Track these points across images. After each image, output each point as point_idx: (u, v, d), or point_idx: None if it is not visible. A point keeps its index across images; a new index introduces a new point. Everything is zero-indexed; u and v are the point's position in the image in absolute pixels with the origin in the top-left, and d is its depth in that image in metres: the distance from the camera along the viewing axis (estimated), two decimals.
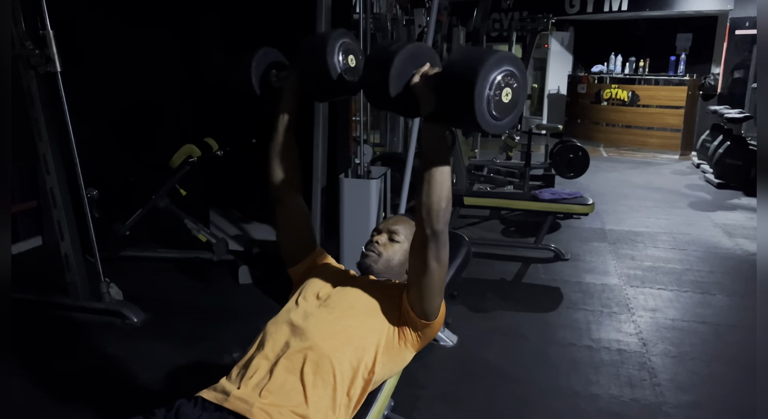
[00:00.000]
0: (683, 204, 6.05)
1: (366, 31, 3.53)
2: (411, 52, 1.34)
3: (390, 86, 1.32)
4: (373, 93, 1.40)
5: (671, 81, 9.12)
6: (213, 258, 3.86)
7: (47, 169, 3.07)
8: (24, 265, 3.99)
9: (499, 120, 1.23)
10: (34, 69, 2.93)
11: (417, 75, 1.32)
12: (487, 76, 1.18)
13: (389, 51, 1.34)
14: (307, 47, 1.53)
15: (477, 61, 1.19)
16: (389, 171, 3.60)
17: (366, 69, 1.41)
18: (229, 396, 1.32)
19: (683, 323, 3.27)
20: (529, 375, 2.71)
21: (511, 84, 1.22)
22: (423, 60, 1.36)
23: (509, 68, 1.22)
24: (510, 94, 1.23)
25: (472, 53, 1.25)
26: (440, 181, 1.33)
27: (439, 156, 1.33)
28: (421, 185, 1.34)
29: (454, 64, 1.25)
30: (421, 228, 1.36)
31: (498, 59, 1.20)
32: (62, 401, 2.44)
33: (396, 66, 1.31)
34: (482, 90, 1.18)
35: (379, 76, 1.33)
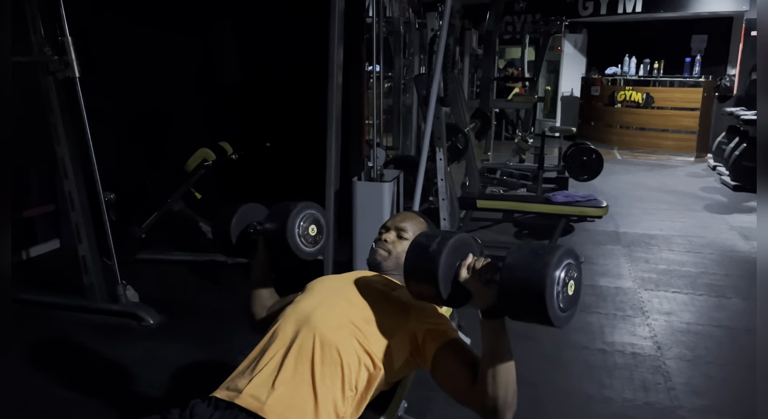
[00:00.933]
0: (698, 206, 6.00)
1: (379, 34, 3.55)
2: (454, 247, 1.32)
3: (440, 287, 1.30)
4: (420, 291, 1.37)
5: (686, 82, 9.05)
6: (227, 260, 3.89)
7: (65, 172, 3.12)
8: (42, 268, 4.06)
9: (565, 311, 1.23)
10: (53, 75, 2.98)
11: (463, 268, 1.31)
12: (554, 277, 1.18)
13: (431, 250, 1.32)
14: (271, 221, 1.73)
15: (541, 265, 1.19)
16: (402, 174, 3.61)
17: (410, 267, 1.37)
18: (241, 393, 1.34)
19: (698, 326, 3.24)
20: (542, 378, 2.70)
21: (573, 276, 1.23)
22: (465, 251, 1.34)
23: (569, 261, 1.22)
24: (573, 286, 1.23)
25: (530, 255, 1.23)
26: (507, 379, 1.30)
27: (503, 352, 1.31)
28: (485, 379, 1.31)
29: (514, 267, 1.22)
30: (482, 412, 1.34)
31: (559, 257, 1.20)
32: (79, 402, 2.48)
33: (442, 266, 1.29)
34: (552, 292, 1.18)
35: (427, 278, 1.31)
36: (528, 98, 8.14)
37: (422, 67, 5.97)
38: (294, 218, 1.69)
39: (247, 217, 1.80)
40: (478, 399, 1.34)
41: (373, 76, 3.53)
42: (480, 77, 7.53)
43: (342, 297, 1.50)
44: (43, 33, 2.95)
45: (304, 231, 1.72)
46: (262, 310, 1.80)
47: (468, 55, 7.09)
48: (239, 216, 1.79)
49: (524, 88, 9.74)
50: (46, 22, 2.94)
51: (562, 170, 6.31)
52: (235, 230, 1.78)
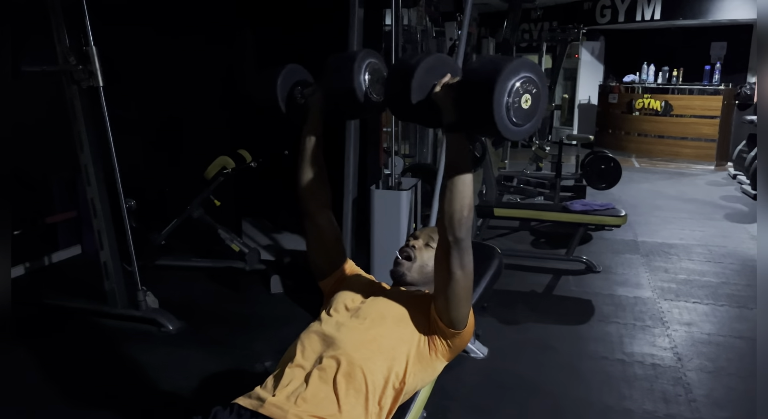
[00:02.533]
0: (719, 215, 5.93)
1: (397, 43, 3.57)
2: (432, 63, 1.37)
3: (411, 96, 1.35)
4: (396, 104, 1.43)
5: (706, 90, 8.96)
6: (245, 267, 3.92)
7: (88, 179, 3.17)
8: (64, 273, 4.12)
9: (520, 126, 1.25)
10: (77, 84, 3.03)
11: (438, 85, 1.36)
12: (506, 83, 1.20)
13: (411, 63, 1.37)
14: (333, 66, 1.54)
15: (494, 68, 1.21)
16: (420, 182, 3.61)
17: (389, 81, 1.43)
18: (265, 403, 1.35)
19: (719, 338, 3.20)
20: (561, 388, 2.68)
21: (530, 90, 1.24)
22: (444, 70, 1.38)
23: (527, 74, 1.23)
24: (530, 101, 1.24)
25: (490, 61, 1.26)
26: (462, 190, 1.36)
27: (462, 164, 1.36)
28: (444, 193, 1.38)
29: (472, 72, 1.27)
30: (444, 237, 1.39)
31: (515, 66, 1.21)
32: (99, 407, 2.51)
33: (417, 77, 1.34)
34: (501, 97, 1.20)
35: (401, 87, 1.36)
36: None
37: None
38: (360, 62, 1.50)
39: (292, 77, 1.65)
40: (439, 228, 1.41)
41: None
42: None
43: (367, 314, 1.51)
44: (68, 43, 3.00)
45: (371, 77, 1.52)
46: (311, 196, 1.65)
47: None
48: (285, 75, 1.63)
49: None
50: (71, 33, 2.99)
51: (579, 178, 6.28)
52: (282, 90, 1.63)
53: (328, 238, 1.71)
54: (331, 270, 1.73)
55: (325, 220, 1.68)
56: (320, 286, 1.75)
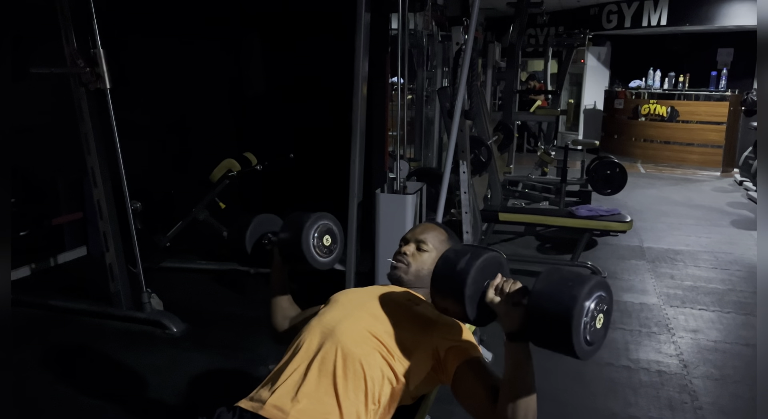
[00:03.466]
0: (725, 222, 5.90)
1: (403, 47, 3.57)
2: (482, 266, 1.30)
3: (467, 307, 1.29)
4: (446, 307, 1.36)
5: (712, 96, 8.94)
6: (250, 270, 3.92)
7: (95, 181, 3.18)
8: (69, 274, 4.13)
9: (591, 345, 1.20)
10: (85, 86, 3.05)
11: (491, 289, 1.29)
12: (584, 307, 1.16)
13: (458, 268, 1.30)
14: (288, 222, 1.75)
15: (570, 295, 1.16)
16: (425, 186, 3.61)
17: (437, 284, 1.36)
18: (265, 404, 1.35)
19: (726, 345, 3.18)
20: (566, 394, 2.67)
21: (603, 309, 1.20)
22: (494, 270, 1.32)
23: (600, 293, 1.19)
24: (602, 320, 1.20)
25: (561, 282, 1.20)
26: (527, 405, 1.28)
27: (526, 377, 1.29)
28: (504, 402, 1.29)
29: (544, 292, 1.20)
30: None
31: (591, 288, 1.17)
32: (103, 408, 2.51)
33: (469, 285, 1.28)
34: (579, 321, 1.15)
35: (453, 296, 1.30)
36: (550, 111, 8.11)
37: (445, 79, 5.99)
38: (308, 229, 1.72)
39: (261, 227, 1.84)
40: None
41: (397, 88, 3.55)
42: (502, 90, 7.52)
43: (366, 310, 1.50)
44: (76, 45, 3.02)
45: (318, 241, 1.74)
46: (284, 321, 1.82)
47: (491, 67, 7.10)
48: (254, 227, 1.82)
49: (547, 100, 9.71)
50: (79, 35, 3.01)
51: (585, 184, 6.26)
52: (250, 240, 1.81)
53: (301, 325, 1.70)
54: None
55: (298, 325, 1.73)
56: None
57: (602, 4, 10.22)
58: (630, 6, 9.90)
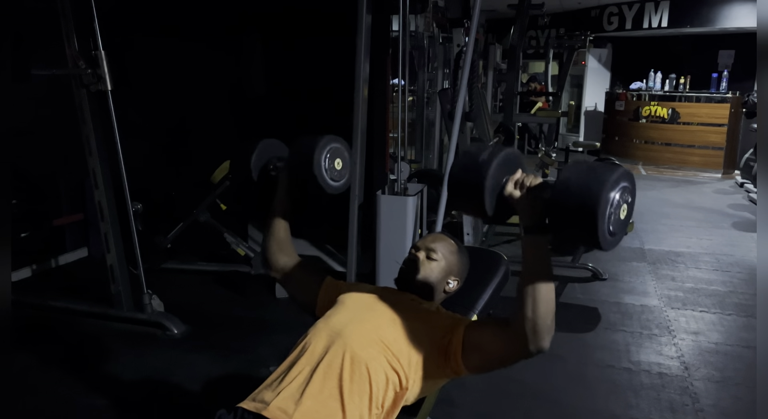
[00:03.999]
0: (726, 224, 5.90)
1: (404, 49, 3.58)
2: (503, 160, 1.30)
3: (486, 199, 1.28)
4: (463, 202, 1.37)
5: (713, 98, 8.93)
6: (251, 271, 3.92)
7: (96, 183, 3.18)
8: (70, 276, 4.13)
9: (615, 235, 1.20)
10: (86, 87, 3.05)
11: (511, 183, 1.30)
12: (609, 196, 1.16)
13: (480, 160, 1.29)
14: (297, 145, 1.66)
15: (598, 181, 1.16)
16: (426, 188, 3.61)
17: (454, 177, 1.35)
18: (269, 406, 1.35)
19: (727, 347, 3.18)
20: (567, 396, 2.67)
21: (627, 200, 1.20)
22: (514, 166, 1.32)
23: (626, 184, 1.20)
24: (626, 210, 1.21)
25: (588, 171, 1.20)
26: (548, 298, 1.29)
27: (546, 270, 1.30)
28: (524, 299, 1.30)
29: (569, 182, 1.19)
30: (523, 345, 1.32)
31: (618, 177, 1.18)
32: (104, 410, 2.51)
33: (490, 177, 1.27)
34: (605, 210, 1.15)
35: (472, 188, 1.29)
36: (551, 113, 8.12)
37: (445, 81, 6.00)
38: (321, 150, 1.63)
39: (267, 152, 1.74)
40: (518, 330, 1.31)
41: (398, 90, 3.55)
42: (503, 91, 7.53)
43: (373, 314, 1.51)
44: (77, 47, 3.02)
45: (330, 164, 1.66)
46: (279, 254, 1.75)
47: (492, 69, 7.11)
48: (260, 151, 1.72)
49: (548, 102, 9.72)
50: (80, 37, 3.01)
51: None
52: (256, 166, 1.71)
53: (300, 276, 1.75)
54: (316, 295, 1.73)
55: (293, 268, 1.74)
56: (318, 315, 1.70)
57: (603, 6, 10.23)
58: (631, 8, 9.90)
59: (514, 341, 1.34)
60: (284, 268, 1.75)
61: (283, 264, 1.75)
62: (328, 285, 1.73)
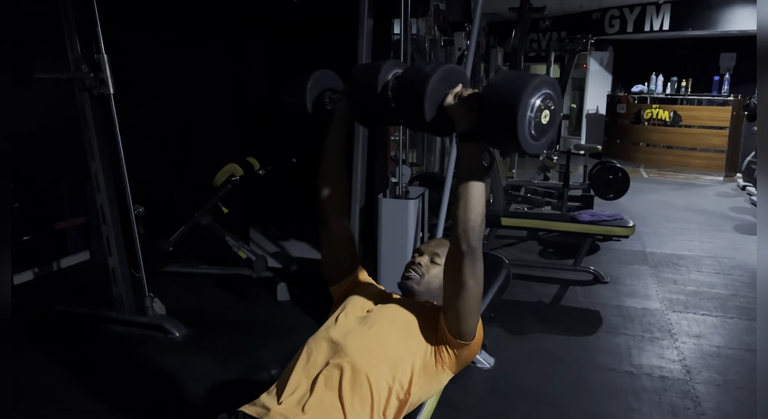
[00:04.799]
0: (728, 227, 5.89)
1: (406, 52, 3.58)
2: (445, 73, 1.39)
3: (425, 107, 1.37)
4: (407, 113, 1.44)
5: (715, 101, 8.94)
6: (252, 274, 3.92)
7: (98, 186, 3.19)
8: (72, 279, 4.14)
9: (537, 140, 1.29)
10: (89, 91, 3.06)
11: (450, 95, 1.37)
12: (530, 100, 1.24)
13: (424, 72, 1.39)
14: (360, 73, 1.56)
15: (519, 85, 1.24)
16: (427, 191, 3.61)
17: (399, 90, 1.44)
18: (270, 411, 1.35)
19: (729, 350, 3.17)
20: (568, 399, 2.66)
21: (549, 106, 1.28)
22: (456, 81, 1.40)
23: (548, 91, 1.27)
24: (548, 116, 1.29)
25: (513, 77, 1.29)
26: (476, 199, 1.36)
27: (475, 173, 1.37)
28: (457, 202, 1.38)
29: (495, 87, 1.29)
30: (457, 245, 1.38)
31: (538, 83, 1.25)
32: (105, 413, 2.51)
33: (431, 86, 1.36)
34: (524, 113, 1.23)
35: (413, 98, 1.38)
36: None
37: None
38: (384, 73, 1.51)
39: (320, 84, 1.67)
40: (452, 235, 1.40)
41: None
42: None
43: (374, 321, 1.51)
44: (79, 51, 3.03)
45: None
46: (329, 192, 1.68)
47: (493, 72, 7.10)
48: (315, 80, 1.65)
49: None
50: (83, 41, 3.03)
51: (587, 188, 6.26)
52: (311, 95, 1.65)
53: (341, 245, 1.72)
54: (342, 276, 1.74)
55: (341, 226, 1.70)
56: (330, 291, 1.76)
57: (605, 9, 10.23)
58: (632, 11, 9.91)
59: (451, 252, 1.43)
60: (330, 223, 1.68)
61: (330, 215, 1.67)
62: (354, 278, 1.74)
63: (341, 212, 1.71)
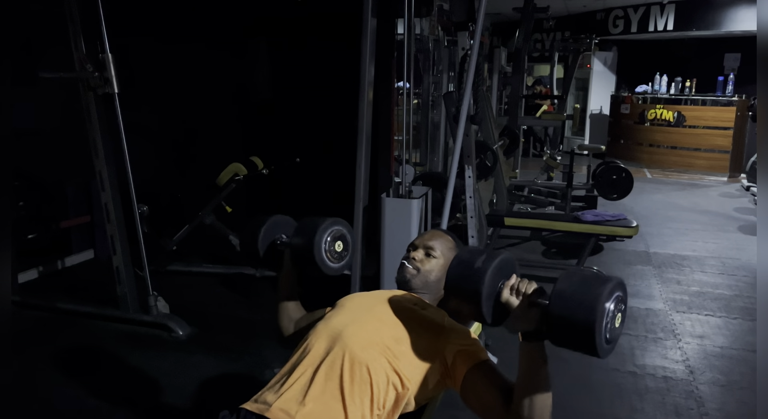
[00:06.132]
0: (732, 227, 5.88)
1: (409, 52, 3.59)
2: (499, 266, 1.32)
3: (483, 306, 1.29)
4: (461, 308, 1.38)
5: (719, 101, 8.92)
6: (256, 273, 3.93)
7: (102, 185, 3.20)
8: (76, 277, 4.15)
9: (610, 343, 1.22)
10: (93, 90, 3.07)
11: (506, 289, 1.30)
12: (605, 310, 1.17)
13: (476, 268, 1.31)
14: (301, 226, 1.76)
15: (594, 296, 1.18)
16: (430, 191, 3.61)
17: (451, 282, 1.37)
18: (271, 407, 1.35)
19: (732, 351, 3.17)
20: (571, 400, 2.66)
21: (621, 308, 1.22)
22: (509, 271, 1.34)
23: (619, 293, 1.21)
24: (620, 318, 1.22)
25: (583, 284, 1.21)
26: (544, 404, 1.29)
27: (543, 379, 1.30)
28: (521, 400, 1.29)
29: (564, 294, 1.20)
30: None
31: (611, 289, 1.19)
32: (110, 411, 2.52)
33: (487, 284, 1.29)
34: (601, 325, 1.17)
35: (469, 293, 1.31)
36: (556, 116, 8.10)
37: (450, 84, 6.00)
38: (321, 234, 1.72)
39: (275, 230, 1.84)
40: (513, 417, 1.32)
41: (403, 93, 3.56)
42: (508, 94, 7.52)
43: (373, 315, 1.51)
44: (84, 50, 3.04)
45: (331, 246, 1.75)
46: (289, 324, 1.82)
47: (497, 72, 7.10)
48: (267, 228, 1.82)
49: (553, 105, 9.70)
50: (87, 40, 3.04)
51: (591, 188, 6.24)
52: (263, 242, 1.81)
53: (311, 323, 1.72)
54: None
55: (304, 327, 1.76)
56: None
57: (609, 9, 10.22)
58: (636, 11, 9.89)
59: None
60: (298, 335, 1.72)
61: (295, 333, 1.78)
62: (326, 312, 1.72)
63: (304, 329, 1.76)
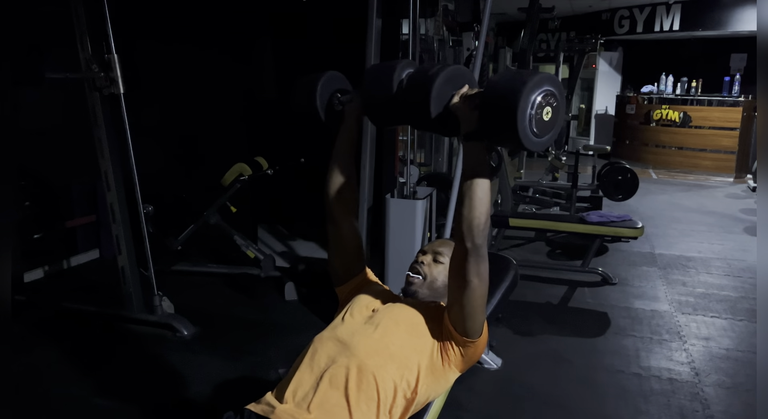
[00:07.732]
0: (738, 229, 5.85)
1: (414, 52, 3.58)
2: (451, 74, 1.40)
3: (431, 107, 1.38)
4: (414, 113, 1.45)
5: (725, 102, 8.87)
6: (260, 274, 3.94)
7: (108, 185, 3.21)
8: (82, 277, 4.17)
9: (540, 137, 1.29)
10: (99, 90, 3.08)
11: (456, 96, 1.38)
12: (530, 97, 1.24)
13: (430, 73, 1.40)
14: (372, 74, 1.57)
15: (519, 82, 1.25)
16: (435, 191, 3.61)
17: (407, 91, 1.45)
18: (276, 410, 1.36)
19: (738, 353, 3.15)
20: (575, 401, 2.66)
21: (551, 103, 1.29)
22: (462, 82, 1.41)
23: (549, 88, 1.28)
24: (550, 113, 1.29)
25: (513, 75, 1.30)
26: (481, 197, 1.37)
27: (481, 172, 1.38)
28: (462, 200, 1.39)
29: (496, 85, 1.30)
30: (462, 243, 1.39)
31: (539, 80, 1.26)
32: (114, 410, 2.53)
33: (436, 87, 1.37)
34: (525, 109, 1.24)
35: (420, 97, 1.39)
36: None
37: None
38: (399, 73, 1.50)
39: (331, 84, 1.66)
40: (457, 233, 1.41)
41: None
42: None
43: (381, 321, 1.51)
44: (90, 50, 3.05)
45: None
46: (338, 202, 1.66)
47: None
48: (323, 85, 1.64)
49: None
50: (93, 40, 3.05)
51: (596, 189, 6.23)
52: (321, 100, 1.64)
53: (349, 245, 1.72)
54: (349, 277, 1.74)
55: (349, 227, 1.70)
56: (336, 291, 1.76)
57: (614, 9, 10.18)
58: (642, 11, 9.86)
59: (456, 250, 1.43)
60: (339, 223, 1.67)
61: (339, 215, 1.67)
62: (360, 279, 1.75)
63: (350, 212, 1.70)
